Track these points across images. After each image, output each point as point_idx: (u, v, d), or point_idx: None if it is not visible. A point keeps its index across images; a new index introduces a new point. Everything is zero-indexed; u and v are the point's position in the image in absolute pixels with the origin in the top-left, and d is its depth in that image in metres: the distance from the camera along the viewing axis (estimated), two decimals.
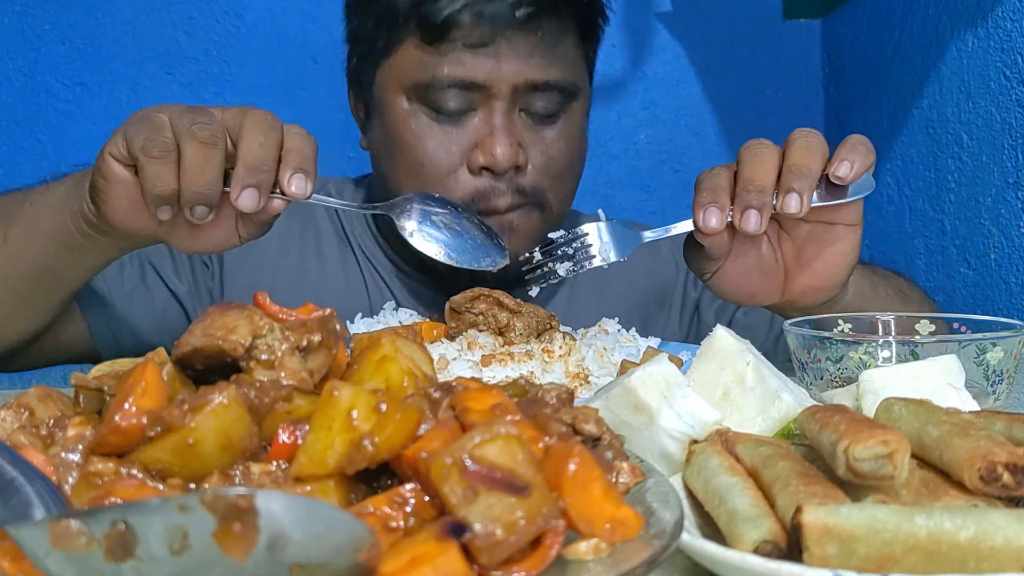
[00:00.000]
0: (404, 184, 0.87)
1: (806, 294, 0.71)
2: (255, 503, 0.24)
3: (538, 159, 0.86)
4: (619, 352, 0.69)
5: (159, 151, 0.59)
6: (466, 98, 0.84)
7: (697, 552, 0.35)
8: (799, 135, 0.66)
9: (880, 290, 0.79)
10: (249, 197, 0.60)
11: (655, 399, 0.46)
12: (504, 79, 0.84)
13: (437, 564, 0.28)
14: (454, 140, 0.85)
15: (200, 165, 0.60)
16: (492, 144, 0.83)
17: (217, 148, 0.60)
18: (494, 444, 0.31)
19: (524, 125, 0.86)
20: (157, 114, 0.62)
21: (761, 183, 0.63)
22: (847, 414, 0.39)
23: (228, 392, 0.33)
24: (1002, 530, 0.31)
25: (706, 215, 0.64)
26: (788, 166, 0.64)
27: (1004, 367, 0.57)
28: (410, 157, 0.86)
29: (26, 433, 0.37)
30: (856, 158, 0.64)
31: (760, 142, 0.66)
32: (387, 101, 0.88)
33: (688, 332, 1.03)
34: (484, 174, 0.85)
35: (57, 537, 0.25)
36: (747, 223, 0.63)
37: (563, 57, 0.87)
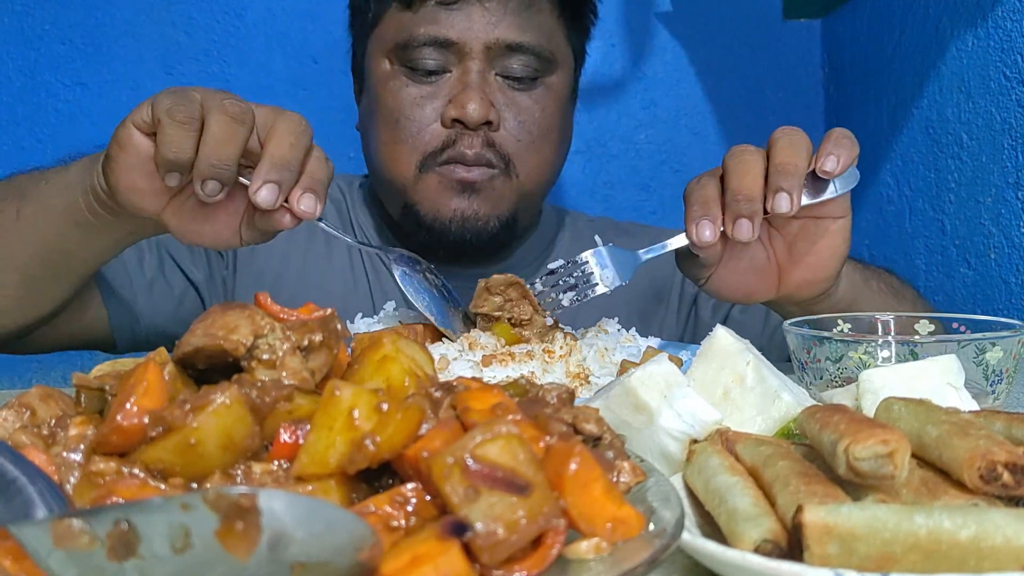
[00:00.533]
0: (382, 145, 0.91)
1: (801, 288, 0.72)
2: (257, 502, 0.25)
3: (510, 121, 0.89)
4: (620, 352, 0.69)
5: (184, 116, 0.58)
6: (442, 57, 0.88)
7: (698, 551, 0.35)
8: (781, 133, 0.66)
9: (872, 284, 0.80)
10: (269, 192, 0.59)
11: (655, 399, 0.46)
12: (476, 37, 0.87)
13: (438, 563, 0.29)
14: (429, 97, 0.88)
15: (224, 138, 0.58)
16: (465, 99, 0.86)
17: (244, 126, 0.59)
18: (495, 443, 0.31)
19: (499, 87, 0.89)
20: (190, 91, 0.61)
21: (749, 191, 0.63)
22: (847, 414, 0.39)
23: (230, 392, 0.33)
24: (1002, 529, 0.31)
25: (699, 229, 0.65)
26: (775, 166, 0.64)
27: (1003, 367, 0.57)
28: (387, 115, 0.89)
29: (28, 433, 0.37)
30: (841, 152, 0.65)
31: (743, 148, 0.66)
32: (372, 67, 0.92)
33: (685, 328, 1.03)
34: (456, 127, 0.87)
35: (59, 536, 0.25)
36: (740, 232, 0.64)
37: (537, 23, 0.90)
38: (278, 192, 0.60)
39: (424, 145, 0.88)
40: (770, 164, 0.64)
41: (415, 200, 0.90)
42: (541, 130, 0.91)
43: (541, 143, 0.91)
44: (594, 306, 0.97)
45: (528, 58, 0.89)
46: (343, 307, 0.85)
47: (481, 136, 0.87)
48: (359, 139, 1.53)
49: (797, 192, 0.63)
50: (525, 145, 0.90)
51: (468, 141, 0.87)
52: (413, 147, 0.88)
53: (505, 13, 0.88)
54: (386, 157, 0.91)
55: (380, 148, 0.91)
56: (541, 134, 0.91)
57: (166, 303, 0.93)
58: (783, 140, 0.65)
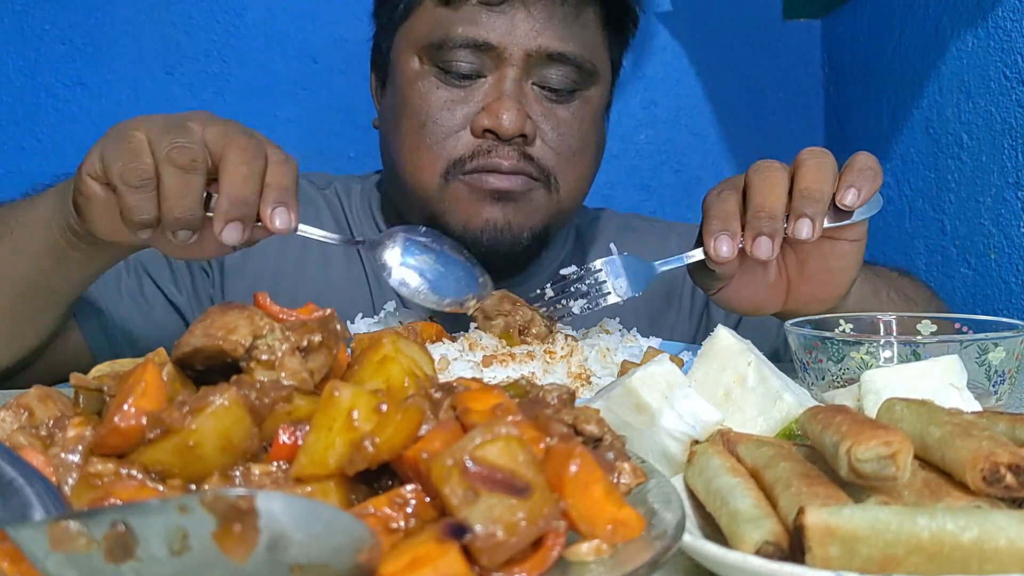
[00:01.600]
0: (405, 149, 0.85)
1: (808, 305, 0.71)
2: (255, 504, 0.24)
3: (548, 135, 0.83)
4: (622, 353, 0.69)
5: (138, 180, 0.58)
6: (477, 61, 0.82)
7: (699, 553, 0.35)
8: (809, 155, 0.64)
9: (882, 294, 0.79)
10: (233, 230, 0.59)
11: (656, 399, 0.46)
12: (517, 43, 0.81)
13: (438, 565, 0.28)
14: (460, 102, 0.82)
15: (180, 192, 0.58)
16: (499, 108, 0.80)
17: (197, 173, 0.59)
18: (495, 445, 0.31)
19: (536, 98, 0.83)
20: (135, 133, 0.60)
21: (772, 209, 0.62)
22: (849, 415, 0.38)
23: (229, 394, 0.33)
24: (1005, 531, 0.31)
25: (717, 244, 0.63)
26: (800, 190, 0.63)
27: (1006, 367, 0.57)
28: (412, 117, 0.84)
29: (26, 434, 0.37)
30: (864, 184, 0.63)
31: (769, 164, 0.65)
32: (399, 64, 0.86)
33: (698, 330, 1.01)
34: (487, 136, 0.82)
35: (57, 538, 0.25)
36: (759, 251, 0.63)
37: (582, 33, 0.85)
38: (242, 228, 0.60)
39: (450, 153, 0.82)
40: (795, 187, 0.63)
41: (441, 210, 0.84)
42: (580, 144, 0.85)
43: (580, 158, 0.86)
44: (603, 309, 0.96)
45: (569, 69, 0.83)
46: (342, 308, 0.83)
47: (517, 150, 0.81)
48: (359, 139, 1.52)
49: (820, 219, 0.62)
50: (565, 158, 0.84)
51: (503, 152, 0.81)
52: (438, 154, 0.82)
53: (550, 20, 0.82)
54: (408, 163, 0.85)
55: (403, 152, 0.85)
56: (580, 148, 0.86)
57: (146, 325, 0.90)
58: (811, 162, 0.63)
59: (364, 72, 1.42)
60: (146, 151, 0.59)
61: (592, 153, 0.90)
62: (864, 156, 0.66)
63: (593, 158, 0.90)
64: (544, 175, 0.84)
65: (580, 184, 0.89)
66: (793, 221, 0.63)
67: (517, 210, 0.84)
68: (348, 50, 1.44)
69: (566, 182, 0.86)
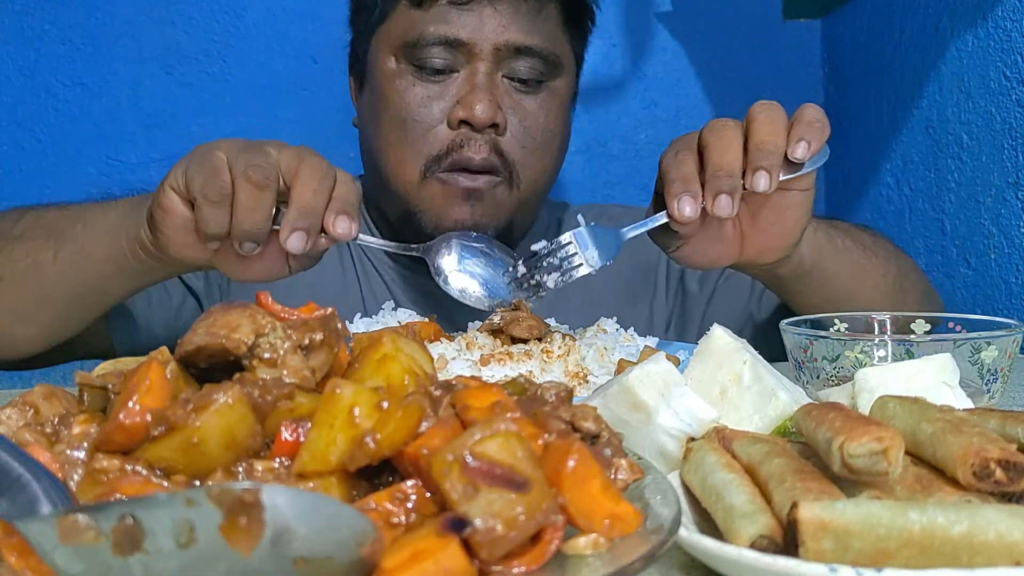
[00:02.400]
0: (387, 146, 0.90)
1: (762, 254, 0.74)
2: (261, 497, 0.25)
3: (516, 127, 0.89)
4: (619, 352, 0.69)
5: (217, 195, 0.63)
6: (450, 56, 0.88)
7: (694, 547, 0.35)
8: (760, 109, 0.66)
9: (837, 242, 0.81)
10: (297, 239, 0.64)
11: (653, 397, 0.46)
12: (486, 38, 0.87)
13: (438, 559, 0.29)
14: (436, 97, 0.88)
15: (251, 207, 0.63)
16: (472, 100, 0.86)
17: (268, 191, 0.63)
18: (494, 441, 0.31)
19: (506, 90, 0.89)
20: (217, 153, 0.64)
21: (730, 167, 0.64)
22: (842, 411, 0.39)
23: (232, 392, 0.34)
24: (994, 525, 0.32)
25: (680, 205, 0.65)
26: (755, 144, 0.64)
27: (998, 366, 0.57)
28: (393, 114, 0.89)
29: (31, 431, 0.37)
30: (813, 136, 0.65)
31: (724, 123, 0.67)
32: (377, 64, 0.92)
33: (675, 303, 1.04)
34: (462, 128, 0.87)
35: (65, 531, 0.26)
36: (720, 208, 0.64)
37: (544, 27, 0.91)
38: (306, 238, 0.64)
39: (429, 148, 0.87)
40: (749, 142, 0.65)
41: (418, 207, 0.90)
42: (545, 135, 0.91)
43: (544, 149, 0.92)
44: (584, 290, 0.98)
45: (535, 61, 0.89)
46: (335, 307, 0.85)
47: (488, 141, 0.87)
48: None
49: (776, 171, 0.64)
50: (529, 151, 0.90)
51: (475, 146, 0.87)
52: (419, 151, 0.88)
53: (515, 16, 0.88)
54: (391, 159, 0.90)
55: (385, 149, 0.91)
56: (545, 139, 0.91)
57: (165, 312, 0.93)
58: (763, 116, 0.66)
59: None
60: (225, 169, 0.63)
61: (557, 145, 0.95)
62: (811, 108, 0.67)
63: (557, 149, 0.95)
64: (508, 169, 0.89)
65: (542, 177, 0.94)
66: (750, 175, 0.64)
67: (484, 210, 0.89)
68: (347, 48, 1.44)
69: (527, 175, 0.91)
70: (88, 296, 0.76)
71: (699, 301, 1.01)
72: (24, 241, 0.76)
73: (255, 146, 0.65)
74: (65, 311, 0.78)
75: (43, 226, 0.77)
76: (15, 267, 0.75)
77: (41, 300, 0.76)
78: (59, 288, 0.75)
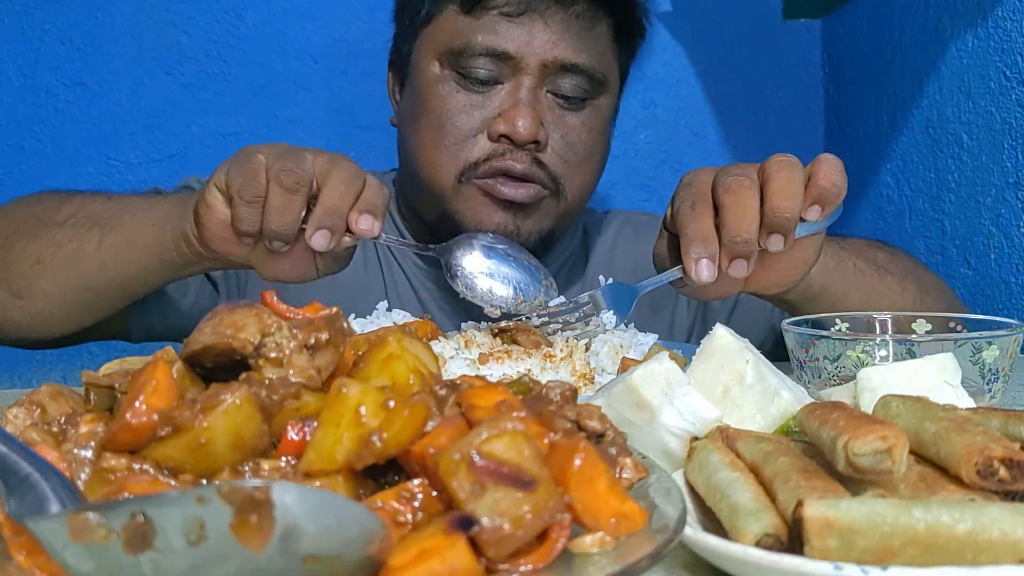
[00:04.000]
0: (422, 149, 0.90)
1: (766, 288, 0.74)
2: (271, 495, 0.25)
3: (558, 142, 0.88)
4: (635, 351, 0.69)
5: (252, 196, 0.66)
6: (496, 68, 0.86)
7: (699, 546, 0.35)
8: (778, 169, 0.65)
9: (848, 265, 0.80)
10: (321, 237, 0.66)
11: (656, 397, 0.47)
12: (535, 53, 0.86)
13: (445, 557, 0.29)
14: (478, 107, 0.87)
15: (281, 209, 0.65)
16: (515, 115, 0.85)
17: (299, 195, 0.65)
18: (501, 440, 0.32)
19: (549, 105, 0.88)
20: (257, 156, 0.67)
21: (749, 234, 0.64)
22: (846, 411, 0.39)
23: (240, 392, 0.34)
24: (998, 523, 0.32)
25: (698, 268, 0.65)
26: (772, 208, 0.64)
27: (999, 365, 0.57)
28: (432, 119, 0.88)
29: (38, 430, 0.38)
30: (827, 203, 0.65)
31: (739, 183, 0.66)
32: (420, 67, 0.91)
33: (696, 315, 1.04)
34: (502, 141, 0.86)
35: (76, 530, 0.26)
36: (736, 271, 0.65)
37: (595, 45, 0.89)
38: (330, 236, 0.66)
39: (468, 155, 0.87)
40: (766, 204, 0.64)
41: (455, 209, 0.89)
42: (587, 151, 0.90)
43: (586, 164, 0.91)
44: None
45: (581, 79, 0.88)
46: (355, 303, 0.86)
47: (529, 153, 0.86)
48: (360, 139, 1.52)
49: (791, 236, 0.65)
50: (573, 166, 0.89)
51: (516, 156, 0.86)
52: (455, 156, 0.87)
53: (566, 32, 0.86)
54: (425, 162, 0.89)
55: (420, 151, 0.90)
56: (587, 155, 0.90)
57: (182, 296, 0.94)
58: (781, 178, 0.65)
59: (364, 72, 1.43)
60: (263, 171, 0.66)
61: (598, 160, 0.94)
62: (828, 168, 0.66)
63: (598, 164, 0.95)
64: (553, 182, 0.88)
65: (584, 190, 0.94)
66: (765, 236, 0.65)
67: (526, 217, 0.88)
68: (348, 50, 1.44)
69: (572, 188, 0.90)
70: (127, 285, 0.79)
71: (721, 312, 1.01)
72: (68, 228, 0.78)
73: (293, 152, 0.67)
74: (102, 298, 0.80)
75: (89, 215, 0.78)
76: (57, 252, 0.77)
77: (80, 286, 0.78)
78: (100, 275, 0.77)
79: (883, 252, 0.86)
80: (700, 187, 0.68)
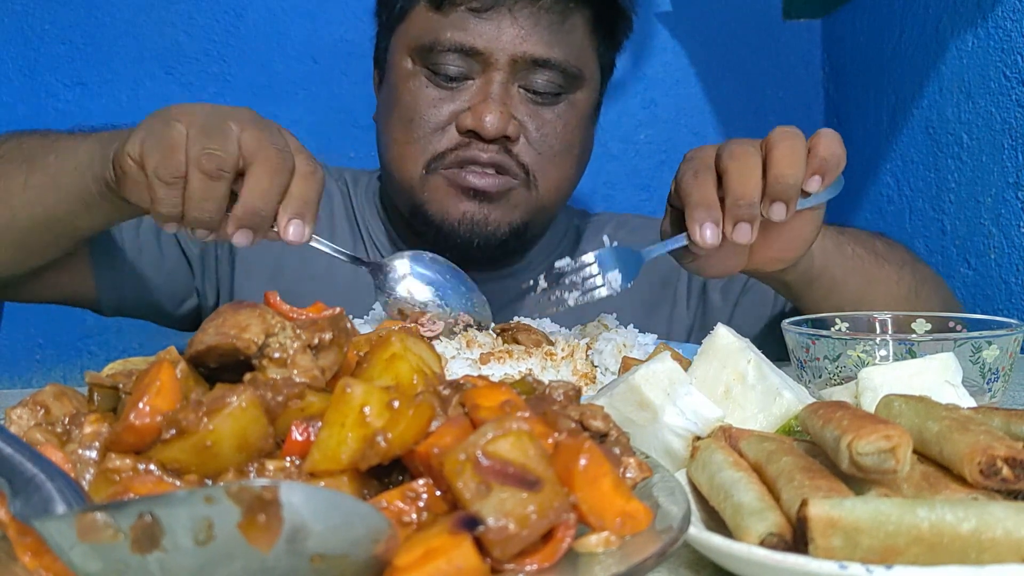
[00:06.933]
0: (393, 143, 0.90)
1: (767, 264, 0.74)
2: (279, 494, 0.25)
3: (533, 135, 0.87)
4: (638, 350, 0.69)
5: (169, 177, 0.61)
6: (465, 64, 0.86)
7: (704, 545, 0.35)
8: (781, 137, 0.66)
9: (847, 249, 0.81)
10: (242, 236, 0.63)
11: (658, 396, 0.47)
12: (503, 48, 0.85)
13: (451, 557, 0.29)
14: (447, 101, 0.86)
15: (203, 197, 0.61)
16: (483, 111, 0.84)
17: (222, 181, 0.61)
18: (506, 440, 0.32)
19: (522, 100, 0.87)
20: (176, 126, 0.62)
21: (751, 197, 0.64)
22: (849, 410, 0.39)
23: (245, 395, 0.34)
24: (1002, 522, 0.32)
25: (703, 232, 0.65)
26: (775, 175, 0.64)
27: (1000, 365, 0.58)
28: (403, 113, 0.88)
29: (42, 431, 0.38)
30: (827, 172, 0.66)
31: (743, 150, 0.66)
32: (394, 63, 0.91)
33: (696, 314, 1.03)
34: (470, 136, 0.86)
35: (84, 530, 0.26)
36: (740, 236, 0.65)
37: (567, 39, 0.88)
38: (252, 235, 0.63)
39: (434, 146, 0.86)
40: (769, 172, 0.65)
41: (423, 200, 0.89)
42: (563, 145, 0.89)
43: (562, 158, 0.90)
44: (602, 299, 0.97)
45: (554, 74, 0.86)
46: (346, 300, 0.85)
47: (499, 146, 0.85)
48: (360, 139, 1.52)
49: (793, 203, 0.65)
50: (547, 159, 0.88)
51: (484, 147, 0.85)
52: (423, 149, 0.87)
53: (536, 26, 0.85)
54: (395, 155, 0.90)
55: (391, 145, 0.90)
56: (563, 149, 0.89)
57: (156, 272, 0.92)
58: (784, 146, 0.65)
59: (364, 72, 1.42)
60: (181, 148, 0.61)
61: (576, 155, 0.93)
62: (828, 140, 0.67)
63: (577, 159, 0.93)
64: (524, 171, 0.87)
65: (561, 184, 0.92)
66: (767, 204, 0.65)
67: (494, 207, 0.87)
68: (348, 50, 1.44)
69: (546, 181, 0.89)
70: (54, 227, 0.76)
71: (722, 312, 1.00)
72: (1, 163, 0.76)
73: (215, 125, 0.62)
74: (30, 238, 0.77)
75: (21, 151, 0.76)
76: None
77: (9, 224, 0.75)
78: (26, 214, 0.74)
79: (881, 241, 0.86)
80: (704, 159, 0.68)
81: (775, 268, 0.75)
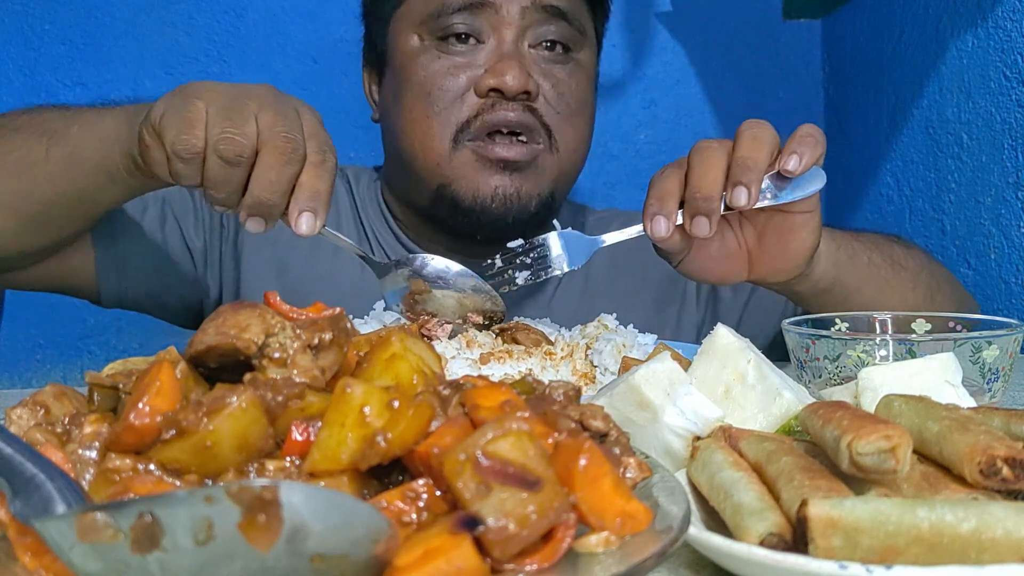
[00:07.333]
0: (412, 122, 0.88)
1: (771, 274, 0.74)
2: (279, 494, 0.25)
3: (549, 91, 0.87)
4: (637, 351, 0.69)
5: (186, 153, 0.61)
6: (474, 22, 0.86)
7: (704, 545, 0.35)
8: (747, 127, 0.67)
9: (862, 258, 0.80)
10: (254, 223, 0.63)
11: (658, 396, 0.47)
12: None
13: (451, 557, 0.29)
14: (462, 68, 0.87)
15: (220, 181, 0.62)
16: (503, 68, 0.84)
17: (240, 167, 0.61)
18: (506, 440, 0.32)
19: (534, 60, 0.88)
20: (196, 103, 0.62)
21: (708, 190, 0.64)
22: (849, 410, 0.39)
23: (246, 395, 0.34)
24: (1002, 522, 0.32)
25: (654, 224, 0.66)
26: (736, 159, 0.64)
27: (999, 365, 0.58)
28: (418, 90, 0.87)
29: (42, 431, 0.38)
30: (804, 150, 0.65)
31: (708, 144, 0.67)
32: (398, 47, 0.91)
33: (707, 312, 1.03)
34: (491, 96, 0.85)
35: (84, 530, 0.26)
36: (697, 229, 0.65)
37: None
38: (264, 223, 0.63)
39: (458, 115, 0.85)
40: (732, 158, 0.65)
41: (450, 179, 0.87)
42: (578, 103, 0.89)
43: (577, 118, 0.90)
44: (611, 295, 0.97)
45: (562, 25, 0.87)
46: (350, 299, 0.85)
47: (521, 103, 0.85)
48: (359, 139, 1.52)
49: (756, 186, 0.64)
50: (565, 118, 0.88)
51: (509, 105, 0.84)
52: (447, 120, 0.85)
53: None
54: (418, 134, 0.88)
55: (410, 126, 0.88)
56: (578, 108, 0.90)
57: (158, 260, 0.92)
58: (747, 134, 0.66)
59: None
60: (200, 125, 0.61)
61: (588, 116, 0.94)
62: (806, 125, 0.68)
63: (588, 122, 0.94)
64: (547, 133, 0.87)
65: (578, 145, 0.92)
66: (730, 190, 0.64)
67: (524, 178, 0.87)
68: (348, 50, 1.44)
69: (565, 142, 0.89)
70: (76, 200, 0.75)
71: (733, 310, 1.00)
72: (20, 134, 0.75)
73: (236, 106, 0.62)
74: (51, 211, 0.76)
75: (40, 123, 0.75)
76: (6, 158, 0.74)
77: (28, 197, 0.74)
78: (48, 186, 0.74)
79: (899, 246, 0.85)
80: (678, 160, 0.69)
81: (780, 279, 0.74)
